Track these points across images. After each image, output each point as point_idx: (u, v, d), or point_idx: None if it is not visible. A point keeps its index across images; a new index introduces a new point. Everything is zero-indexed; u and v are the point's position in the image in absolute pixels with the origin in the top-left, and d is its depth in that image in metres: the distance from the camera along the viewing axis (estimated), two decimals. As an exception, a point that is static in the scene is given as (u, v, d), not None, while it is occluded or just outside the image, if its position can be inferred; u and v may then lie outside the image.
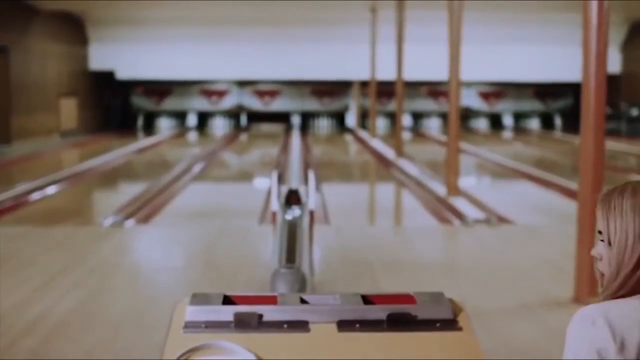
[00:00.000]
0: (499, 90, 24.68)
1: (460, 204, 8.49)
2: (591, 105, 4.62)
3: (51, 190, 10.63)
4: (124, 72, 22.39)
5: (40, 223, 7.93)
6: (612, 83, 22.58)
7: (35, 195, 10.07)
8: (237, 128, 23.96)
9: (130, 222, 7.96)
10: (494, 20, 20.55)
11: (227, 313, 1.89)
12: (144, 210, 8.81)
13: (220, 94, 24.36)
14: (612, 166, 13.67)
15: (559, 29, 19.96)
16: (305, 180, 5.69)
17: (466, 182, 11.42)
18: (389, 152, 15.05)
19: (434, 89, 23.62)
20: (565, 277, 5.17)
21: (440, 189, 9.58)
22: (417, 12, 15.89)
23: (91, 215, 8.76)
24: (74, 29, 21.07)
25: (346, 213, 8.63)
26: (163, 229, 7.69)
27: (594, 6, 4.54)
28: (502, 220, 7.87)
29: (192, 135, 22.28)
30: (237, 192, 11.45)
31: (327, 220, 8.15)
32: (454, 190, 9.01)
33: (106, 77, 22.45)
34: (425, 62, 18.89)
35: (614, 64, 22.42)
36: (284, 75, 22.89)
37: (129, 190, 11.14)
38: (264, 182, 10.67)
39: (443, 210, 8.41)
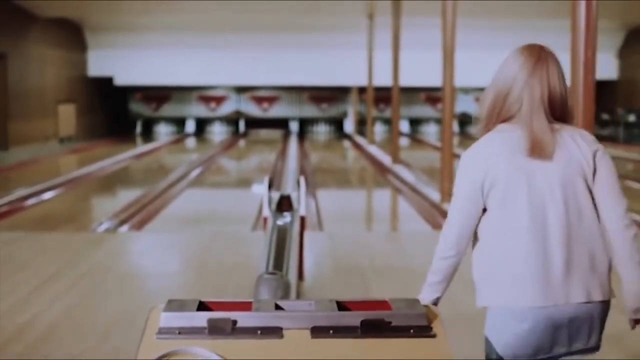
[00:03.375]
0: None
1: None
2: (580, 112, 4.63)
3: (47, 196, 10.65)
4: (122, 79, 22.44)
5: (36, 228, 7.95)
6: (609, 89, 22.68)
7: (31, 201, 10.08)
8: (236, 134, 23.99)
9: (124, 228, 7.98)
10: (490, 26, 20.59)
11: (201, 319, 1.91)
12: (138, 216, 8.82)
13: (219, 100, 24.40)
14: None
15: (556, 35, 20.00)
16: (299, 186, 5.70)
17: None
18: (385, 159, 15.06)
19: (432, 95, 23.67)
20: (555, 284, 5.17)
21: (436, 195, 9.59)
22: (415, 18, 15.93)
23: (86, 221, 8.77)
24: (73, 36, 21.11)
25: (340, 219, 8.64)
26: (156, 235, 7.69)
27: (582, 11, 4.56)
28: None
29: (190, 142, 22.30)
30: (233, 198, 11.47)
31: (320, 227, 8.16)
32: (448, 197, 9.01)
33: (105, 83, 22.51)
34: (423, 69, 18.92)
35: (611, 70, 22.46)
36: (282, 82, 22.94)
37: (124, 196, 11.16)
38: (259, 188, 10.68)
39: (437, 217, 8.41)
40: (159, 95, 24.22)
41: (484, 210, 2.16)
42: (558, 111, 2.13)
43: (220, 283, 5.50)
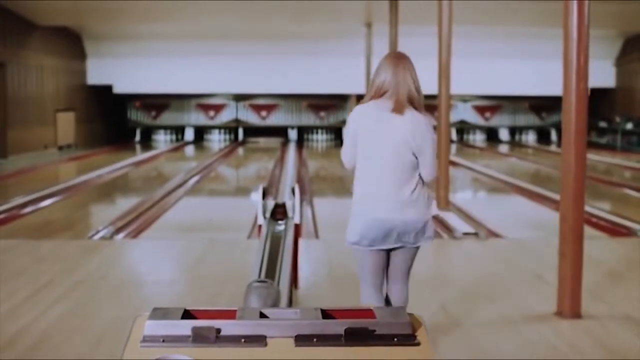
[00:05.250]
0: (495, 105, 24.76)
1: (450, 218, 8.51)
2: (572, 119, 4.64)
3: (45, 203, 10.66)
4: (121, 87, 22.48)
5: (33, 236, 7.95)
6: (607, 97, 22.70)
7: (29, 209, 10.09)
8: (234, 142, 24.01)
9: (120, 236, 7.98)
10: (489, 34, 20.63)
11: (185, 327, 1.91)
12: (135, 223, 8.83)
13: (217, 108, 24.43)
14: (607, 180, 13.69)
15: (554, 43, 20.06)
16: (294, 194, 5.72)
17: (459, 196, 11.43)
18: (383, 166, 15.04)
19: (431, 104, 23.68)
20: (550, 291, 5.18)
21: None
22: (412, 26, 15.97)
23: (83, 228, 8.77)
24: (72, 44, 21.16)
25: (336, 227, 8.62)
26: (152, 243, 7.70)
27: (574, 19, 4.57)
28: (492, 234, 7.88)
29: (189, 150, 22.32)
30: (231, 206, 11.47)
31: (317, 234, 8.17)
32: (444, 204, 9.02)
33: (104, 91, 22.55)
34: (421, 76, 18.92)
35: (609, 78, 22.50)
36: (280, 90, 22.97)
37: (122, 204, 11.16)
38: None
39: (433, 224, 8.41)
40: (158, 103, 24.25)
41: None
42: (413, 98, 3.53)
43: (215, 291, 5.51)
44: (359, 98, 23.07)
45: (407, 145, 3.45)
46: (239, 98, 24.26)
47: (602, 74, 21.96)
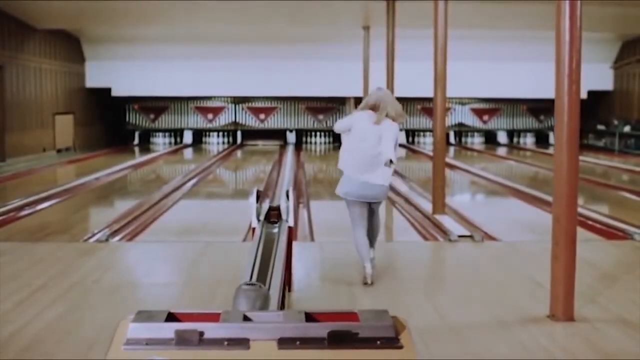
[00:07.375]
0: (493, 107, 24.77)
1: (446, 221, 8.51)
2: (564, 122, 4.65)
3: (42, 206, 10.67)
4: (120, 90, 22.49)
5: (29, 239, 7.95)
6: (605, 100, 22.71)
7: (26, 211, 10.10)
8: (233, 145, 24.02)
9: (116, 239, 7.99)
10: (487, 37, 20.64)
11: (168, 330, 1.92)
12: (132, 226, 8.83)
13: (216, 111, 24.44)
14: (604, 183, 13.70)
15: (553, 46, 20.03)
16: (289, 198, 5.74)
17: (456, 199, 11.43)
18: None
19: (428, 106, 23.71)
20: (543, 293, 5.18)
21: (428, 206, 9.60)
22: (410, 29, 15.98)
23: (79, 231, 8.77)
24: (71, 47, 21.18)
25: (332, 230, 8.65)
26: (148, 246, 7.69)
27: (566, 21, 4.58)
28: (487, 237, 7.88)
29: (188, 152, 22.33)
30: (228, 208, 11.47)
31: (312, 237, 8.17)
32: (440, 207, 9.02)
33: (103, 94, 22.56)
34: (419, 79, 18.96)
35: (607, 81, 22.51)
36: (278, 93, 22.99)
37: (119, 207, 11.16)
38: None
39: (428, 228, 8.42)
40: (156, 106, 24.27)
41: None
42: (392, 112, 5.61)
43: (210, 293, 5.51)
44: (357, 101, 23.11)
45: (379, 139, 5.48)
46: (237, 101, 24.28)
47: (600, 76, 21.97)
